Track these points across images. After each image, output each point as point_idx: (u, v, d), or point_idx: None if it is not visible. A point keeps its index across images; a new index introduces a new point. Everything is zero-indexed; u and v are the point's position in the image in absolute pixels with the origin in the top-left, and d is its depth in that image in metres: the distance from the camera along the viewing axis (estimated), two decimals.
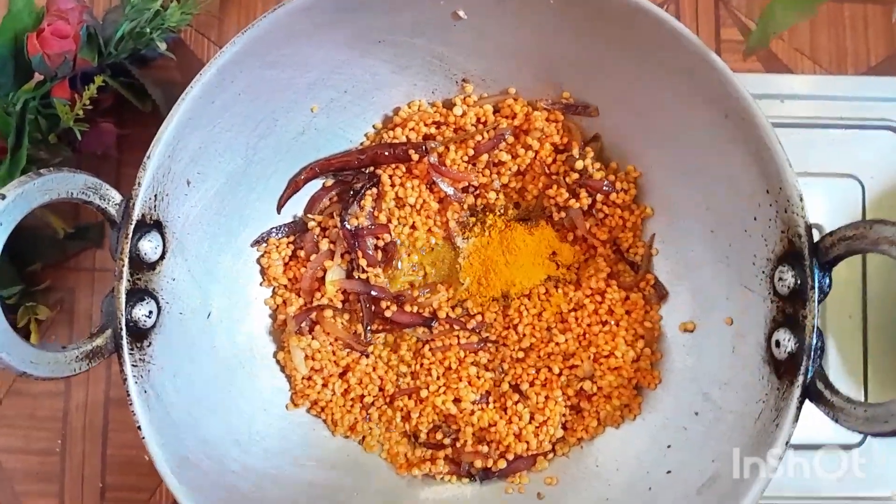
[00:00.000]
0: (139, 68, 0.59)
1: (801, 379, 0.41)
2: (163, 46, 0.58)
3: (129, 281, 0.43)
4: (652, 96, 0.50)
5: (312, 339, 0.55)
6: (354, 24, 0.49)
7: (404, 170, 0.56)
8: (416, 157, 0.55)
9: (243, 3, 0.64)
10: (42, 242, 0.59)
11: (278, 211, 0.56)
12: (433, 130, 0.56)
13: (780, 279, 0.43)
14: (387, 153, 0.55)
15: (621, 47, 0.49)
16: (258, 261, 0.56)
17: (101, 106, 0.57)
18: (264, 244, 0.55)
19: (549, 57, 0.53)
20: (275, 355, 0.55)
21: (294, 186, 0.56)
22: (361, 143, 0.57)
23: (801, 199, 0.42)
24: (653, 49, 0.47)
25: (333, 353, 0.55)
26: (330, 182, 0.57)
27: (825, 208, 0.59)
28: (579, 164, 0.54)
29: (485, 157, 0.55)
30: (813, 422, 0.48)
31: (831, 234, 0.41)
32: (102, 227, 0.62)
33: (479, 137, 0.55)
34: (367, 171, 0.56)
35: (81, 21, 0.55)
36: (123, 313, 0.43)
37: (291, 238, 0.56)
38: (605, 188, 0.54)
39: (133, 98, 0.59)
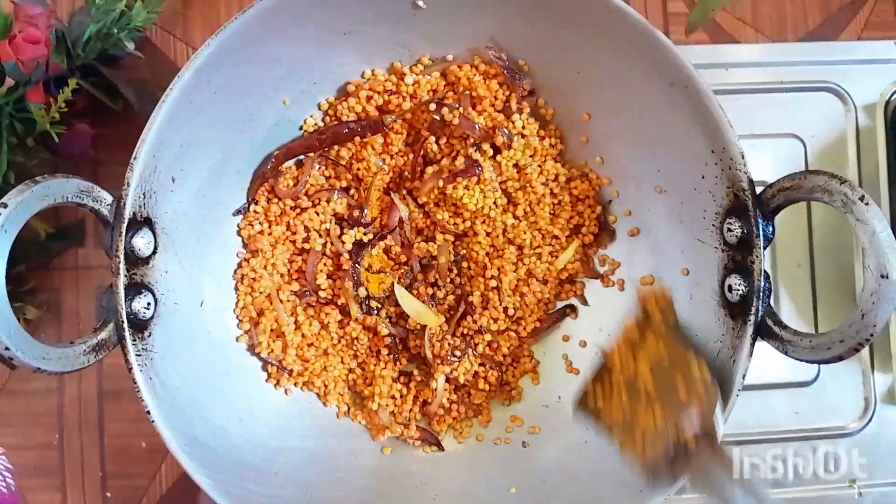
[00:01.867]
0: (109, 68, 0.59)
1: (752, 318, 0.44)
2: (131, 46, 0.58)
3: (126, 276, 0.44)
4: (605, 71, 0.52)
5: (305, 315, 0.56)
6: (321, 17, 0.50)
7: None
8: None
9: None
10: (25, 244, 0.59)
11: (248, 205, 0.56)
12: (387, 98, 0.56)
13: (729, 230, 0.46)
14: (345, 131, 0.56)
15: (573, 27, 0.50)
16: (238, 233, 0.56)
17: (75, 107, 0.57)
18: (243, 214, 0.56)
19: (506, 38, 0.54)
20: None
21: (262, 178, 0.56)
22: (312, 116, 0.57)
23: (743, 157, 0.44)
24: (602, 28, 0.48)
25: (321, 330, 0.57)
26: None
27: (771, 166, 0.61)
28: (516, 118, 0.56)
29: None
30: (771, 362, 0.51)
31: (771, 186, 0.43)
32: (83, 226, 0.62)
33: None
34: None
35: (50, 25, 0.55)
36: (124, 307, 0.43)
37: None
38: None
39: (105, 98, 0.59)
